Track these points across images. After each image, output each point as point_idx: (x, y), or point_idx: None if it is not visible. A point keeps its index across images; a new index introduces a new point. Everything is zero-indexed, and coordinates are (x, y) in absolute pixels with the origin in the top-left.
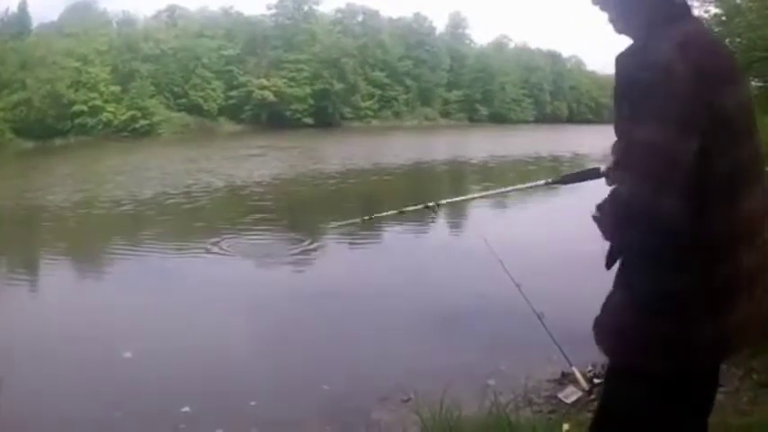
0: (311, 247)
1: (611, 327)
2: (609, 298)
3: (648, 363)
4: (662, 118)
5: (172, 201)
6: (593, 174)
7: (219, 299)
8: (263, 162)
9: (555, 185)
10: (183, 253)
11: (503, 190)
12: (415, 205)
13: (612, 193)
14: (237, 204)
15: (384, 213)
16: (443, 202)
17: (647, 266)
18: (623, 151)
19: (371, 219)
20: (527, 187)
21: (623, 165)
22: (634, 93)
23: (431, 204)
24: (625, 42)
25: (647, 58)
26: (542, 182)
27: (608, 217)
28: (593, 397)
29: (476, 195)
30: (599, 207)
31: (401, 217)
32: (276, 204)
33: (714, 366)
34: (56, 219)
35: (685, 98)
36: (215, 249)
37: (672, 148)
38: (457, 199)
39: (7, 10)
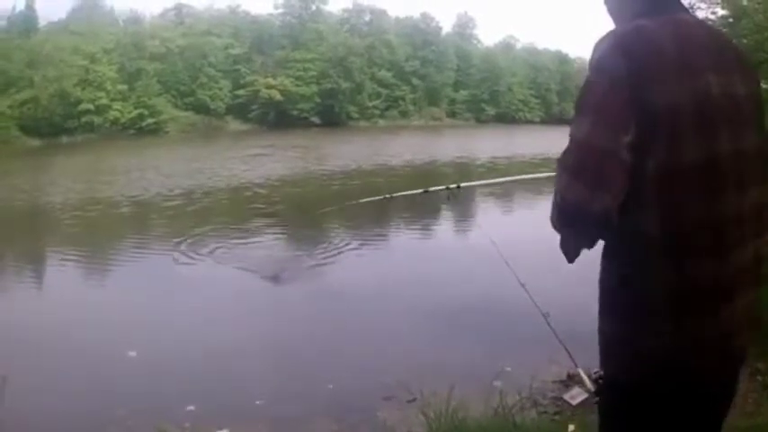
0: (317, 247)
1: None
2: None
3: (610, 371)
4: (592, 113)
5: (171, 201)
6: None
7: (224, 298)
8: (271, 161)
9: None
10: (189, 253)
11: (519, 177)
12: (438, 187)
13: (554, 193)
14: (242, 204)
15: (408, 192)
16: (464, 184)
17: (603, 266)
18: (565, 148)
19: (392, 197)
20: (546, 177)
21: (560, 162)
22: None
23: (452, 186)
24: None
25: (591, 54)
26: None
27: (551, 210)
28: (598, 399)
29: (496, 180)
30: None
31: (406, 218)
32: (281, 204)
33: (687, 380)
34: (49, 218)
35: (614, 94)
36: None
37: (602, 143)
38: (476, 183)
39: (14, 8)
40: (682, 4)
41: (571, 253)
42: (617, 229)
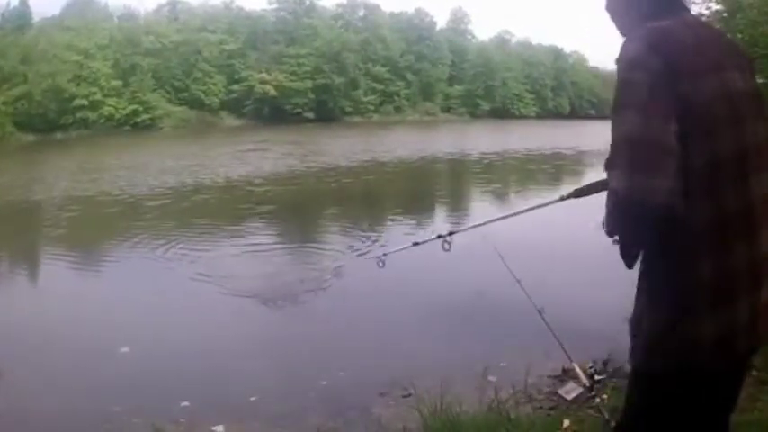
0: (312, 244)
1: (630, 326)
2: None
3: (648, 362)
4: (638, 107)
5: (156, 201)
6: (604, 184)
7: (217, 293)
8: (264, 157)
9: (569, 199)
10: (181, 249)
11: (519, 211)
12: (426, 239)
13: (608, 192)
14: (234, 204)
15: (396, 249)
16: (457, 231)
17: (650, 260)
18: (610, 149)
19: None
20: (542, 206)
21: (611, 162)
22: (615, 89)
23: (444, 234)
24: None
25: (620, 55)
26: (558, 198)
27: (608, 216)
28: (593, 393)
29: (488, 221)
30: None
31: (399, 213)
32: (277, 202)
33: (730, 364)
34: (32, 216)
35: (656, 88)
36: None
37: (654, 132)
38: (470, 227)
39: (8, 4)
40: (685, 6)
41: (633, 256)
42: (679, 219)
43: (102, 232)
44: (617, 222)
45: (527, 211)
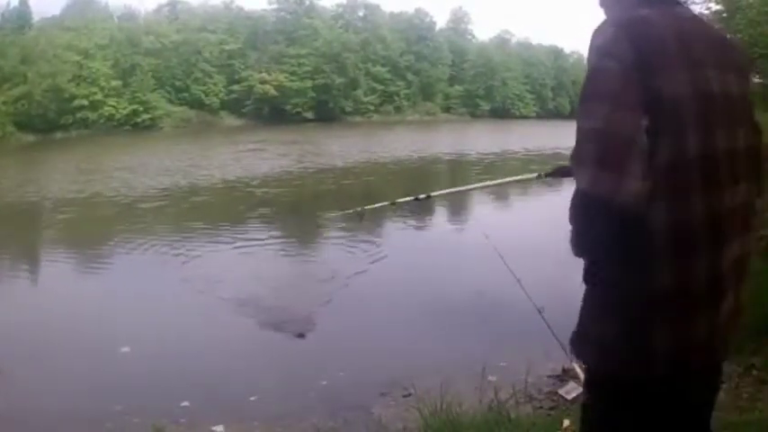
0: (311, 244)
1: (578, 330)
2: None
3: (605, 366)
4: (608, 98)
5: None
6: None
7: (217, 293)
8: (263, 157)
9: (548, 178)
10: (181, 250)
11: (495, 182)
12: (407, 197)
13: (575, 192)
14: (239, 202)
15: (377, 204)
16: (434, 194)
17: (606, 263)
18: (576, 141)
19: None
20: (519, 180)
21: (577, 156)
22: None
23: (421, 197)
24: None
25: (591, 41)
26: (534, 175)
27: (571, 208)
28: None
29: (468, 187)
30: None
31: (400, 212)
32: (277, 202)
33: (687, 378)
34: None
35: (628, 78)
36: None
37: (624, 127)
38: (447, 191)
39: (8, 4)
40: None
41: (586, 249)
42: (644, 219)
43: (103, 233)
44: (578, 218)
45: (506, 182)
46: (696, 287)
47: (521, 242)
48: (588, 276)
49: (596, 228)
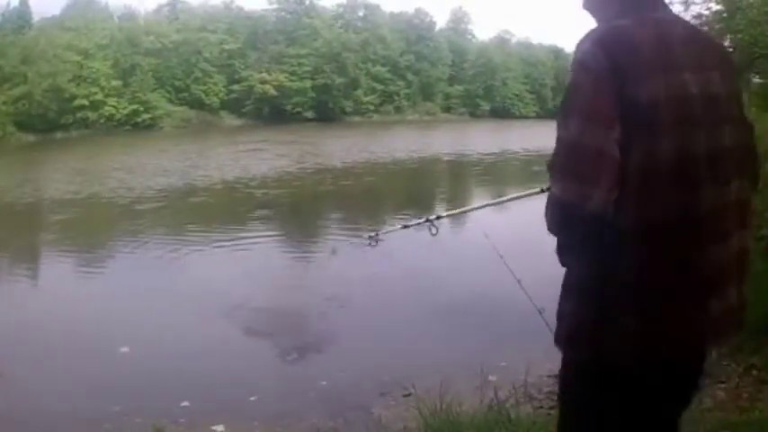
0: (311, 245)
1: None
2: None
3: (575, 352)
4: (580, 112)
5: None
6: None
7: (217, 294)
8: (263, 158)
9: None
10: (181, 250)
11: (502, 199)
12: (418, 220)
13: (548, 197)
14: (239, 203)
15: (390, 228)
16: (444, 214)
17: (580, 260)
18: (553, 152)
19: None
20: (525, 195)
21: (552, 166)
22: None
23: (432, 218)
24: None
25: (574, 56)
26: (538, 189)
27: (545, 214)
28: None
29: (474, 207)
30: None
31: (400, 212)
32: (276, 203)
33: (657, 374)
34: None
35: (600, 91)
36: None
37: (592, 140)
38: (458, 211)
39: (8, 4)
40: (664, 3)
41: (567, 256)
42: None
43: (103, 233)
44: (552, 222)
45: (512, 199)
46: (665, 290)
47: (521, 242)
48: (560, 259)
49: (567, 228)
